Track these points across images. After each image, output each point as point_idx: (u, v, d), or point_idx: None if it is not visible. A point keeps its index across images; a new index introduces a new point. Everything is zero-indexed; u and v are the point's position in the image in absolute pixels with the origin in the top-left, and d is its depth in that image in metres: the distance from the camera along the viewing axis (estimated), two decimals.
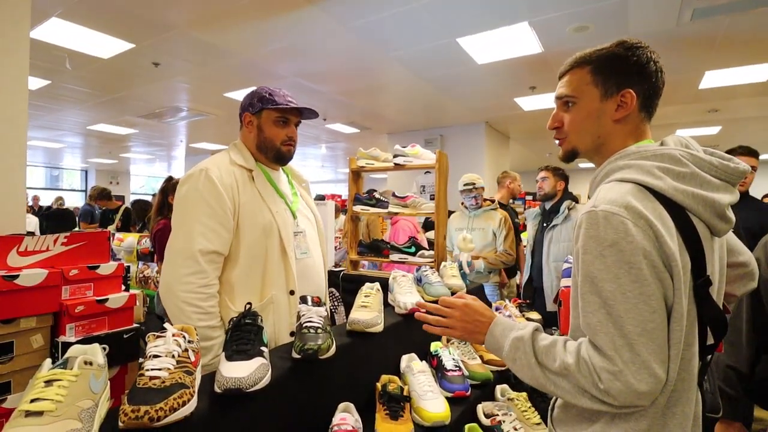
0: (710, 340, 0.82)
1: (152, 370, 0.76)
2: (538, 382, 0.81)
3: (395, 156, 2.33)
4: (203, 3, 3.21)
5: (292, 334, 1.41)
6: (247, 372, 0.85)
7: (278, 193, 1.53)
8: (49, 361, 0.71)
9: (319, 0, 3.13)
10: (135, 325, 1.48)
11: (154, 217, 3.16)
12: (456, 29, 3.62)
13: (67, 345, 1.28)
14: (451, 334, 0.98)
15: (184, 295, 1.28)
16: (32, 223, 7.44)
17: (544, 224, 3.06)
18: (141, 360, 1.46)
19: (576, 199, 3.12)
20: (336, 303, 2.35)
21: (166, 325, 0.87)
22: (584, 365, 0.75)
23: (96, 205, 5.95)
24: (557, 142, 0.97)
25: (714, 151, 0.84)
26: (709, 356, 0.85)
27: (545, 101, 5.69)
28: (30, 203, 9.86)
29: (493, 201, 3.34)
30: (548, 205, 3.10)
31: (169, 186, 3.06)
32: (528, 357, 0.82)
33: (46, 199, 10.63)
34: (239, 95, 5.46)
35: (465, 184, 3.20)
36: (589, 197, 0.90)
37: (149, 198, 7.03)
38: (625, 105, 0.86)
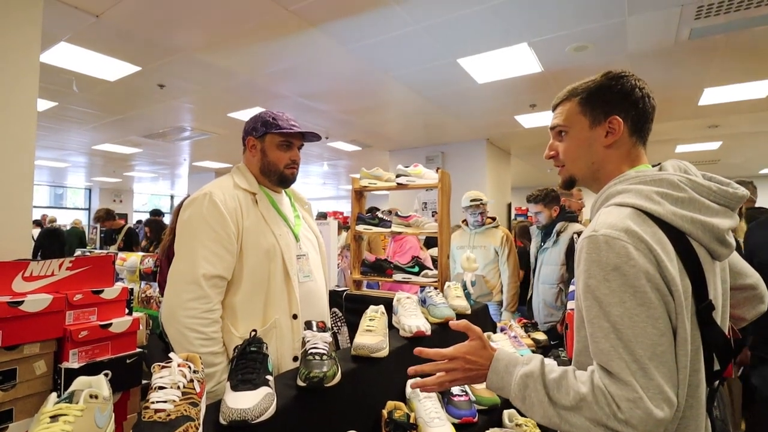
0: (716, 367, 0.81)
1: (157, 402, 0.75)
2: (551, 421, 0.78)
3: (398, 176, 2.34)
4: (208, 27, 3.28)
5: (295, 359, 1.40)
6: (252, 403, 0.84)
7: (281, 216, 1.54)
8: (54, 395, 0.71)
9: (320, 22, 3.19)
10: (138, 349, 1.47)
11: (170, 235, 3.14)
12: (456, 50, 3.68)
13: (70, 371, 1.26)
14: (456, 385, 0.92)
15: (187, 320, 1.28)
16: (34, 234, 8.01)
17: (542, 244, 3.11)
18: (145, 381, 1.45)
19: (573, 218, 3.09)
20: (339, 324, 2.34)
21: (172, 354, 0.86)
22: (600, 395, 0.72)
23: (101, 227, 5.92)
24: (558, 170, 1.00)
25: (713, 176, 0.86)
26: (717, 382, 0.84)
27: (545, 118, 5.73)
28: (39, 220, 10.01)
29: (494, 219, 3.34)
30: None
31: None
32: (539, 395, 0.78)
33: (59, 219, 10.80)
34: (242, 115, 5.52)
35: (471, 200, 3.20)
36: (590, 221, 0.91)
37: (146, 216, 7.03)
38: (614, 131, 0.90)
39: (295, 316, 1.43)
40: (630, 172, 0.88)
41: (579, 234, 2.79)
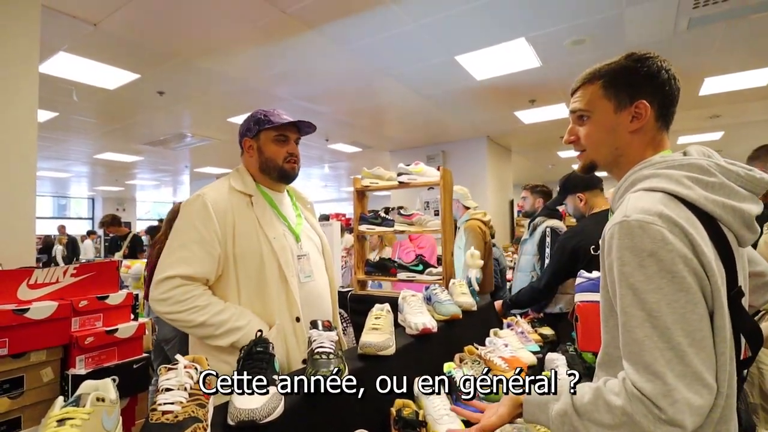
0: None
1: (165, 404, 0.75)
2: None
3: (399, 174, 2.34)
4: (206, 32, 3.29)
5: (304, 362, 1.39)
6: (260, 403, 0.84)
7: (281, 216, 1.52)
8: (61, 399, 0.70)
9: (317, 24, 3.20)
10: (144, 354, 1.48)
11: (158, 244, 3.16)
12: (454, 47, 3.68)
13: (77, 378, 1.27)
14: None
15: (165, 312, 1.31)
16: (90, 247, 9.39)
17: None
18: (151, 387, 1.45)
19: (553, 215, 3.12)
20: (345, 324, 2.33)
21: (178, 356, 0.86)
22: (637, 402, 0.69)
23: (107, 232, 5.94)
24: (577, 154, 0.97)
25: (734, 161, 0.84)
26: (745, 371, 0.82)
27: (545, 114, 5.72)
28: (57, 233, 10.19)
29: (467, 210, 3.40)
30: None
31: (175, 216, 3.10)
32: (580, 426, 0.76)
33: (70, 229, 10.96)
34: (242, 120, 5.51)
35: None
36: (612, 210, 0.89)
37: (155, 223, 7.08)
38: (640, 116, 0.87)
39: (298, 319, 1.41)
40: (655, 157, 0.85)
41: (552, 228, 2.91)
